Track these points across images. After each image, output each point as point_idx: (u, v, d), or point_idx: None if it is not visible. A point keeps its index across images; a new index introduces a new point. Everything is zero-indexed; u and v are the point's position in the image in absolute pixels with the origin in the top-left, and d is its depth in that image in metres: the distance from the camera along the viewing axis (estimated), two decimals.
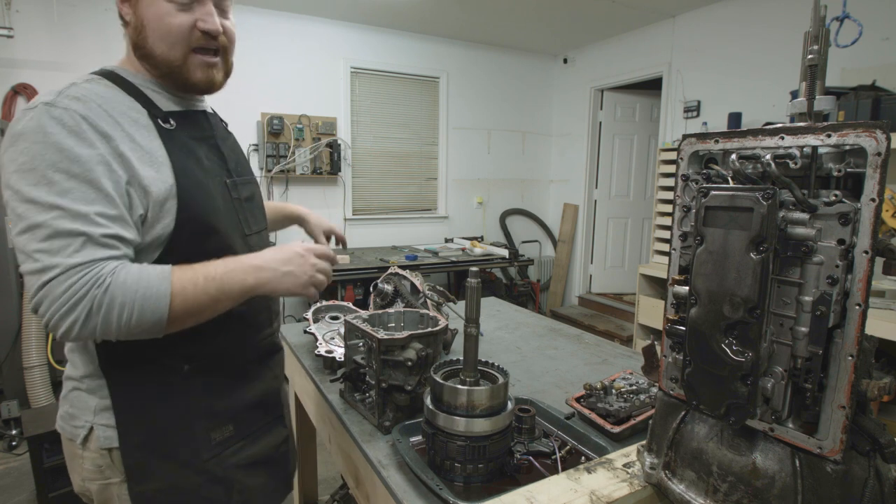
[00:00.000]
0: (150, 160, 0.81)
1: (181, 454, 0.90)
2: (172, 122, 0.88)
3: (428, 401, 0.93)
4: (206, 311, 0.82)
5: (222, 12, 0.92)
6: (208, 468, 0.92)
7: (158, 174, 0.82)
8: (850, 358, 0.59)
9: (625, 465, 0.87)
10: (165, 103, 0.90)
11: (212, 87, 0.93)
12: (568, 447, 0.99)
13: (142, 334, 0.78)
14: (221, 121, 1.07)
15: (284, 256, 0.88)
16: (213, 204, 0.89)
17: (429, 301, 1.47)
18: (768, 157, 0.63)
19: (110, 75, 0.86)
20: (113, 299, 0.73)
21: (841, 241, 0.60)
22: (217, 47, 0.91)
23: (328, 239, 1.38)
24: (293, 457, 1.15)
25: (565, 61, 5.44)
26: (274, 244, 0.99)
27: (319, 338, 1.45)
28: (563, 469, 0.90)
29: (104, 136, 0.77)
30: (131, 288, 0.74)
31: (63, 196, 0.73)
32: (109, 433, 0.87)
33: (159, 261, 0.83)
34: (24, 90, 3.43)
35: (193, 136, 0.92)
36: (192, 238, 0.85)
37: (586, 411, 1.09)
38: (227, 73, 0.97)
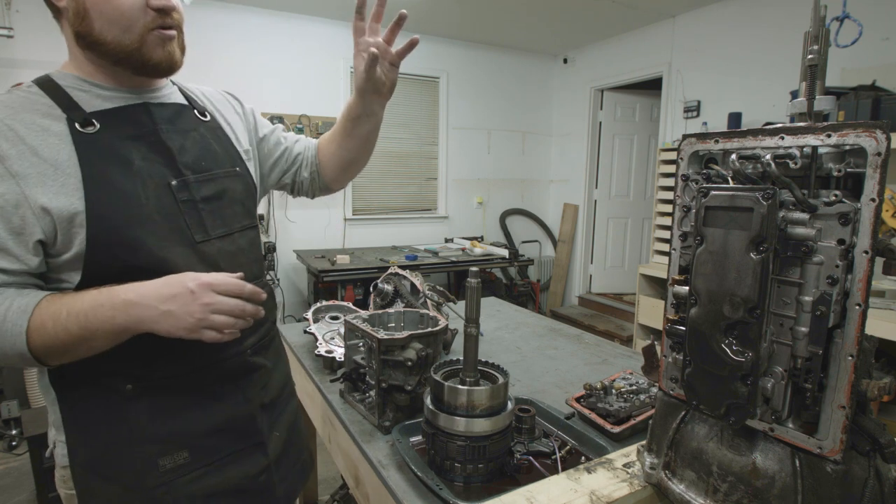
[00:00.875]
0: (53, 174, 0.74)
1: (124, 478, 0.83)
2: (96, 123, 0.79)
3: (428, 401, 0.93)
4: (76, 348, 0.75)
5: None
6: (156, 496, 0.84)
7: (63, 187, 0.74)
8: (850, 358, 0.59)
9: (625, 465, 0.87)
10: (94, 102, 0.81)
11: (173, 66, 0.84)
12: (568, 447, 0.99)
13: (21, 365, 0.75)
14: (193, 109, 0.94)
15: (168, 292, 0.74)
16: (138, 212, 0.79)
17: (429, 301, 1.47)
18: (768, 157, 0.63)
19: (43, 80, 0.80)
20: None
21: (841, 241, 0.59)
22: (173, 24, 0.82)
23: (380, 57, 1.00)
24: (288, 484, 1.03)
25: (565, 61, 5.44)
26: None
27: (319, 338, 1.45)
28: (563, 469, 0.90)
29: None
30: None
31: None
32: (64, 451, 0.84)
33: (84, 279, 0.77)
34: None
35: (125, 135, 0.81)
36: (111, 253, 0.77)
37: (586, 411, 1.09)
38: (182, 51, 0.86)
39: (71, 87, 0.80)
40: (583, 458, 0.96)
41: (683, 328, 0.69)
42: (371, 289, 1.59)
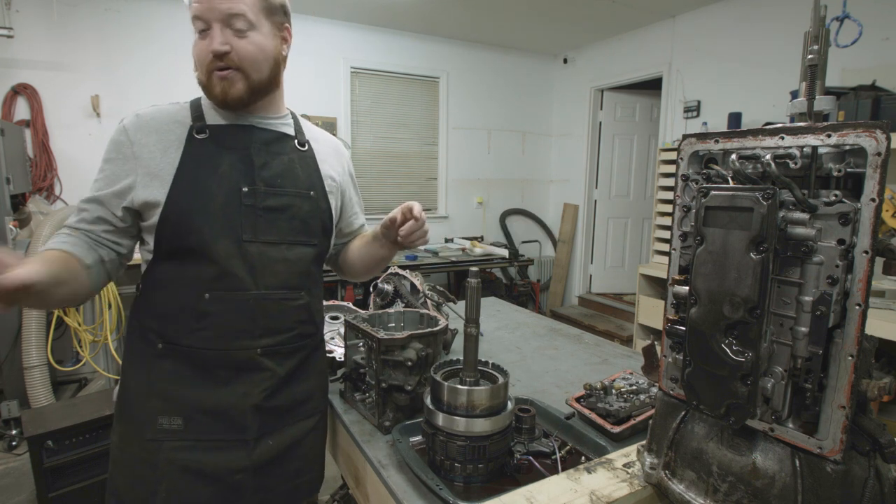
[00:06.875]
0: (159, 160, 0.97)
1: (133, 423, 1.00)
2: (207, 132, 1.00)
3: (428, 401, 0.93)
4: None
5: (237, 32, 0.95)
6: (147, 448, 0.98)
7: (159, 173, 0.96)
8: (850, 358, 0.59)
9: (625, 465, 0.87)
10: (215, 117, 1.03)
11: (226, 99, 0.97)
12: (568, 447, 0.99)
13: None
14: (294, 139, 1.09)
15: None
16: (203, 204, 0.95)
17: (429, 301, 1.47)
18: (768, 157, 0.63)
19: (194, 100, 1.05)
20: None
21: (841, 241, 0.59)
22: (229, 65, 0.96)
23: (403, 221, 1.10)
24: (266, 496, 1.04)
25: (565, 61, 5.44)
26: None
27: None
28: (563, 469, 0.90)
29: (131, 142, 0.97)
30: None
31: (96, 180, 0.99)
32: (118, 388, 1.05)
33: (155, 247, 0.98)
34: (24, 90, 3.43)
35: (224, 145, 1.01)
36: (173, 231, 0.95)
37: (586, 411, 1.09)
38: (252, 88, 0.99)
39: (206, 106, 1.04)
40: (583, 458, 0.96)
41: (683, 328, 0.69)
42: (371, 289, 1.59)
